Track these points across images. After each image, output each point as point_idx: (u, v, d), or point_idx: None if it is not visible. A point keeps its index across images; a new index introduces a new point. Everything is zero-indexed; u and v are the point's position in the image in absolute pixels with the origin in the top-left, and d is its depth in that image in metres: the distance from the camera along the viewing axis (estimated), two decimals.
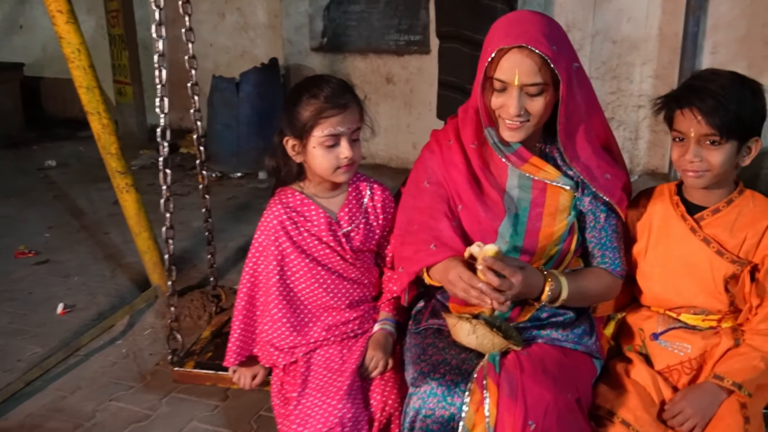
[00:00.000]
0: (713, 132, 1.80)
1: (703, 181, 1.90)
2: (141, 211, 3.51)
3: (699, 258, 1.96)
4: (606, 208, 1.99)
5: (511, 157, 1.95)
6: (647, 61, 5.49)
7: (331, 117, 1.96)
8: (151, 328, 3.59)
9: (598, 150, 1.99)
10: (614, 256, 2.01)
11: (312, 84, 2.02)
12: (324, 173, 2.04)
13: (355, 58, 6.31)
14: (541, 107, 1.83)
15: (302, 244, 2.10)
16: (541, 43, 1.75)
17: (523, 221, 1.95)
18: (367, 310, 2.21)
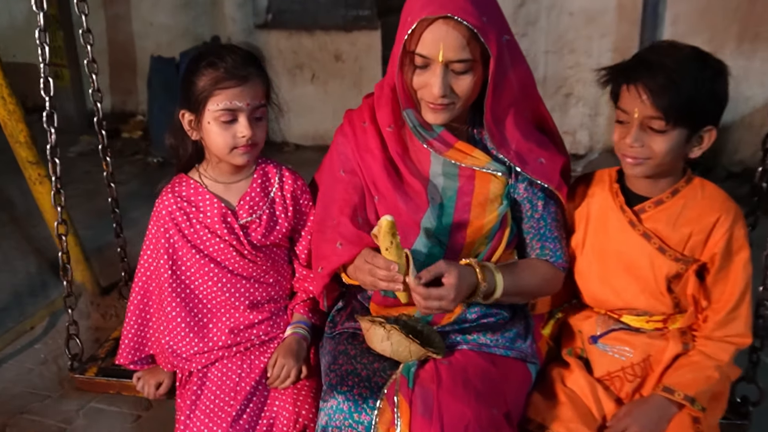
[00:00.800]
0: (659, 115, 1.58)
1: (643, 169, 1.68)
2: None
3: (638, 255, 1.74)
4: (544, 195, 1.77)
5: (434, 143, 1.73)
6: (606, 34, 5.32)
7: (228, 89, 1.74)
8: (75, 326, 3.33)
9: (531, 132, 1.77)
10: (555, 247, 1.81)
11: (212, 52, 1.80)
12: (219, 153, 1.82)
13: (302, 35, 6.07)
14: (468, 86, 1.61)
15: (193, 238, 1.88)
16: (469, 12, 1.51)
17: (449, 213, 1.73)
18: (275, 312, 1.99)
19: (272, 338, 1.96)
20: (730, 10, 4.87)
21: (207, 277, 1.89)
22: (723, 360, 1.71)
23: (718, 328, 1.72)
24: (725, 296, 1.71)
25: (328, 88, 6.13)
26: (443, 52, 1.55)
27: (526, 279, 1.76)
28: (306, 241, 1.99)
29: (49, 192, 3.14)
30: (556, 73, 5.47)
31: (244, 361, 1.90)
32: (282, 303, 2.01)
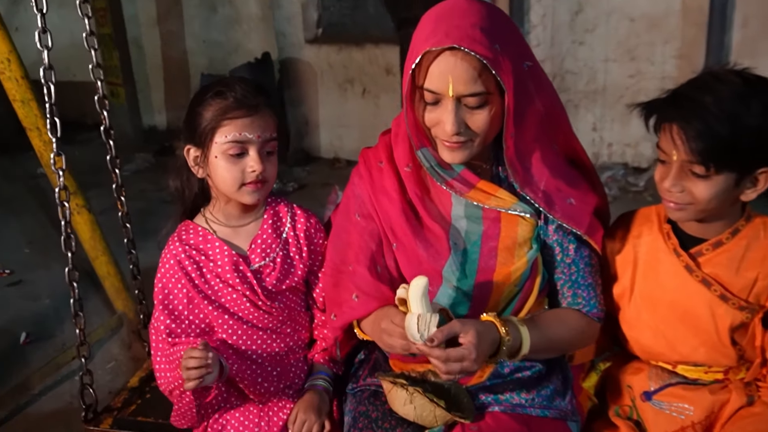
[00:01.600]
0: (696, 160, 1.39)
1: (685, 215, 1.50)
2: (96, 233, 3.25)
3: (697, 304, 1.55)
4: (576, 238, 1.59)
5: (454, 183, 1.56)
6: (670, 40, 5.07)
7: (237, 119, 1.61)
8: (115, 360, 3.34)
9: (560, 168, 1.59)
10: (589, 295, 1.63)
11: (220, 83, 1.68)
12: (227, 190, 1.69)
13: (352, 49, 6.02)
14: (484, 121, 1.44)
15: (204, 289, 1.74)
16: (478, 41, 1.35)
17: (474, 260, 1.56)
18: (294, 363, 1.85)
19: (292, 393, 1.82)
20: None
21: (221, 330, 1.76)
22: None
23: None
24: None
25: (379, 102, 6.05)
26: (453, 86, 1.39)
27: (556, 332, 1.58)
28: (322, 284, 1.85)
29: (87, 222, 3.14)
30: (616, 82, 5.24)
31: (262, 417, 1.77)
32: (301, 353, 1.87)
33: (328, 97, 6.23)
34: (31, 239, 4.76)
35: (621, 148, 5.44)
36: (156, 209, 5.34)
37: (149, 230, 4.74)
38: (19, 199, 5.60)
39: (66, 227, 2.11)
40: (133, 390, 2.25)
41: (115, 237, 3.19)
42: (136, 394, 2.24)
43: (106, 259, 3.29)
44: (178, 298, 1.75)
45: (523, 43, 1.48)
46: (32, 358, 3.32)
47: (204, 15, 6.78)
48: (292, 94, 6.33)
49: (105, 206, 3.39)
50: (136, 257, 2.49)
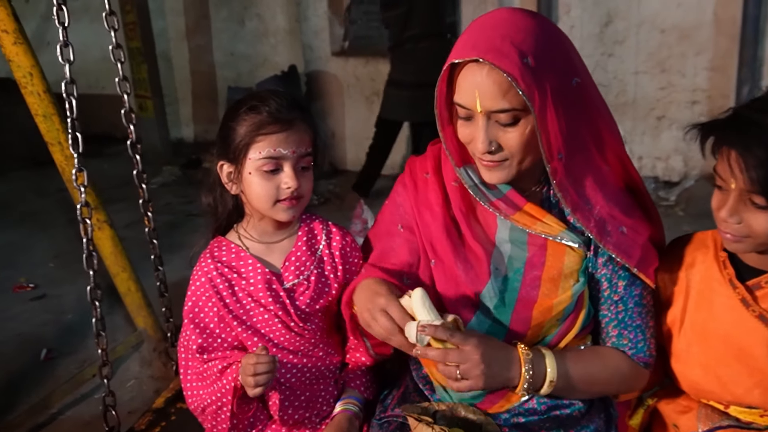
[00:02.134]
0: (756, 190, 1.29)
1: (743, 246, 1.39)
2: (118, 249, 3.19)
3: (752, 341, 1.43)
4: (628, 273, 1.48)
5: (499, 204, 1.47)
6: (701, 51, 4.97)
7: (271, 134, 1.56)
8: (135, 378, 3.29)
9: (614, 195, 1.48)
10: (637, 337, 1.51)
11: (254, 97, 1.63)
12: (261, 207, 1.64)
13: (378, 62, 5.95)
14: (518, 141, 1.34)
15: (236, 308, 1.69)
16: (505, 54, 1.26)
17: (515, 288, 1.47)
18: (324, 389, 1.79)
19: (322, 418, 1.77)
20: None
21: (250, 351, 1.71)
22: None
23: None
24: None
25: None
26: (480, 101, 1.30)
27: (592, 370, 1.48)
28: None
29: (109, 238, 3.11)
30: (646, 94, 5.14)
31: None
32: (331, 379, 1.81)
33: (355, 109, 6.20)
34: (57, 253, 4.76)
35: (651, 162, 5.33)
36: (183, 223, 5.35)
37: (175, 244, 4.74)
38: (48, 213, 5.61)
39: (88, 244, 2.09)
40: (157, 411, 2.20)
41: (139, 252, 3.18)
42: (161, 416, 2.20)
43: (127, 276, 3.24)
44: (209, 317, 1.70)
45: (571, 57, 1.36)
46: (53, 374, 3.29)
47: (232, 29, 6.81)
48: (319, 106, 6.31)
49: (132, 220, 3.40)
50: (163, 274, 2.47)
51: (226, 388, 1.62)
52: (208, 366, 1.68)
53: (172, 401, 2.28)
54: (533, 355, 1.40)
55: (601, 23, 5.14)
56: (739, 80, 4.75)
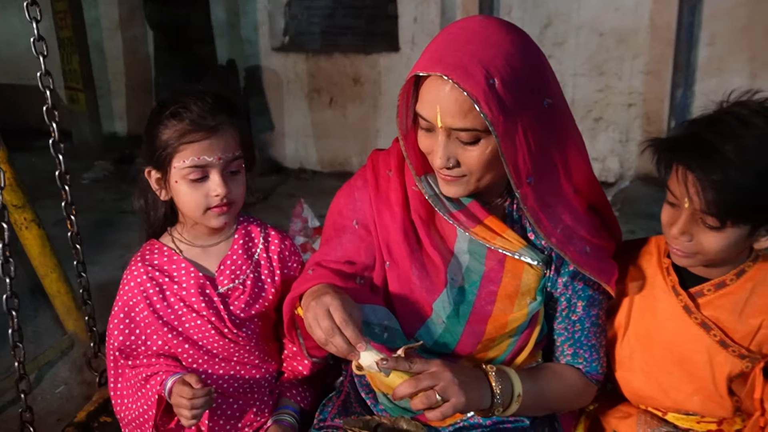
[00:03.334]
0: (711, 212, 1.29)
1: (692, 262, 1.41)
2: (46, 249, 3.07)
3: (694, 348, 1.45)
4: (587, 295, 1.46)
5: (459, 216, 1.41)
6: (638, 55, 5.07)
7: (194, 143, 1.50)
8: (65, 384, 3.13)
9: (581, 215, 1.43)
10: (591, 356, 1.50)
11: (177, 100, 1.55)
12: (192, 215, 1.58)
13: (320, 58, 5.93)
14: (478, 160, 1.28)
15: (166, 314, 1.63)
16: (470, 73, 1.19)
17: (470, 301, 1.43)
18: (259, 398, 1.74)
19: (256, 429, 1.71)
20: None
21: (181, 359, 1.64)
22: None
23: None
24: None
25: (347, 113, 5.97)
26: (441, 117, 1.24)
27: (552, 388, 1.45)
28: None
29: (37, 237, 2.98)
30: (584, 96, 5.23)
31: None
32: (267, 388, 1.76)
33: (295, 106, 6.13)
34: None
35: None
36: (115, 220, 5.19)
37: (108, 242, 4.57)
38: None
39: (4, 250, 1.97)
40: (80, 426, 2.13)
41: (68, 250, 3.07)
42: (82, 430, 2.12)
43: (56, 277, 3.11)
44: (135, 322, 1.64)
45: (543, 77, 1.29)
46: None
47: None
48: (258, 102, 6.21)
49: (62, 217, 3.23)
50: (86, 281, 2.36)
51: (151, 401, 1.57)
52: (135, 373, 1.63)
53: (95, 415, 2.21)
54: (497, 373, 1.36)
55: (541, 25, 5.19)
56: (673, 84, 4.87)
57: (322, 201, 1.69)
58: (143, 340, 1.64)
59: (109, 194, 5.66)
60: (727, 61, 4.78)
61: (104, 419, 2.15)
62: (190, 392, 1.42)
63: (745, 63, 4.73)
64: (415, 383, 1.23)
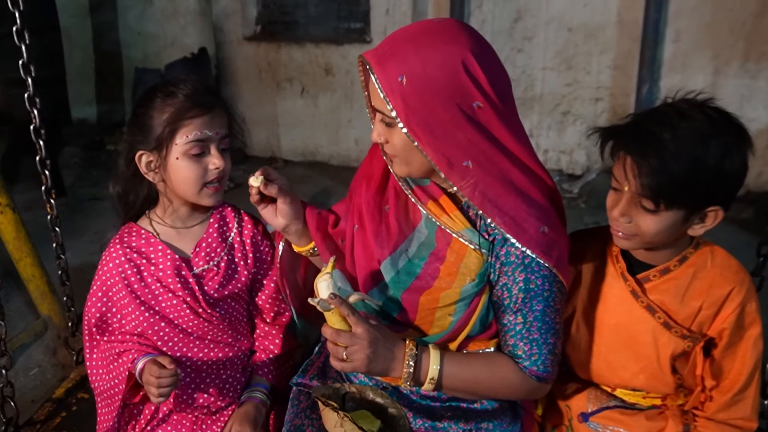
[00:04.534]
0: (646, 194, 1.38)
1: (632, 244, 1.49)
2: (21, 234, 3.06)
3: (640, 330, 1.54)
4: (528, 288, 1.46)
5: (418, 191, 1.53)
6: (605, 50, 5.14)
7: (196, 118, 1.58)
8: (39, 366, 3.16)
9: (532, 201, 1.46)
10: (531, 351, 1.48)
11: (167, 84, 1.63)
12: (189, 192, 1.65)
13: (291, 48, 5.92)
14: (396, 142, 1.41)
15: (143, 293, 1.69)
16: (385, 69, 1.34)
17: (414, 272, 1.51)
18: (231, 376, 1.81)
19: (228, 404, 1.78)
20: (736, 26, 4.70)
21: (156, 337, 1.69)
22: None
23: (723, 409, 1.53)
24: (732, 375, 1.52)
25: (318, 102, 5.98)
26: (372, 98, 1.42)
27: (479, 376, 1.50)
28: (268, 292, 1.82)
29: (11, 222, 2.98)
30: (553, 90, 5.30)
31: (195, 431, 1.73)
32: (239, 365, 1.83)
33: (266, 95, 6.13)
34: None
35: (556, 155, 5.50)
36: (86, 207, 5.18)
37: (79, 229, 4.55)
38: None
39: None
40: (58, 402, 2.15)
41: (41, 235, 3.05)
42: (61, 406, 2.14)
43: (31, 261, 3.11)
44: (112, 301, 1.70)
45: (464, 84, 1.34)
46: None
47: (139, 6, 6.56)
48: (229, 91, 6.19)
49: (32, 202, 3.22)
50: (65, 262, 2.39)
51: (122, 376, 1.65)
52: (109, 346, 1.69)
53: (73, 391, 2.24)
54: (420, 352, 1.44)
55: (511, 19, 5.24)
56: (639, 79, 4.94)
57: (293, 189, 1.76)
58: (119, 318, 1.70)
59: (79, 180, 5.62)
60: (691, 57, 4.87)
61: (81, 395, 2.17)
62: (157, 371, 1.50)
63: (708, 60, 4.82)
64: (336, 336, 1.37)
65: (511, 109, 1.42)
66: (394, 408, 1.52)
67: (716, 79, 4.83)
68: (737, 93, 4.77)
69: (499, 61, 1.41)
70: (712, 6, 4.74)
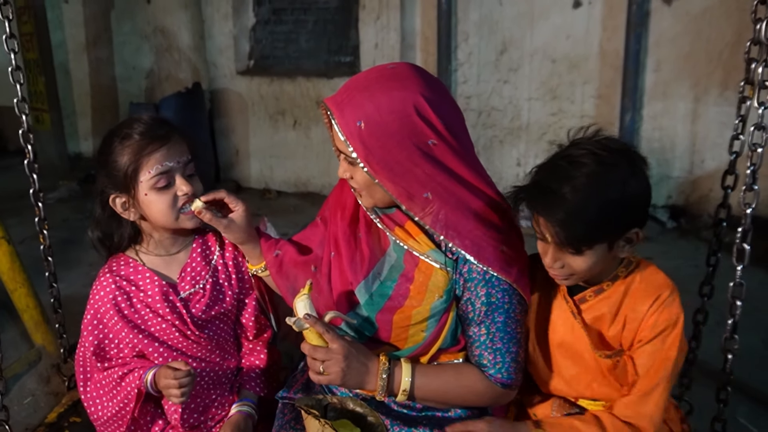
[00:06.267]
0: (565, 246, 1.48)
1: (571, 281, 1.59)
2: (16, 265, 3.11)
3: (582, 346, 1.63)
4: (489, 301, 1.58)
5: (385, 219, 1.65)
6: (588, 80, 5.25)
7: (155, 152, 1.67)
8: (32, 395, 3.17)
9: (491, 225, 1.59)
10: (496, 359, 1.61)
11: (120, 127, 1.73)
12: (167, 221, 1.74)
13: (283, 81, 6.04)
14: (360, 179, 1.55)
15: (134, 318, 1.78)
16: (344, 115, 1.47)
17: (386, 293, 1.62)
18: (220, 394, 1.89)
19: (217, 421, 1.85)
20: (713, 56, 4.81)
21: (152, 357, 1.78)
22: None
23: (627, 407, 1.59)
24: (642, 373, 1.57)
25: (310, 134, 6.09)
26: (335, 141, 1.53)
27: (448, 386, 1.62)
28: (251, 311, 1.91)
29: (6, 254, 3.03)
30: (539, 119, 5.41)
31: None
32: (227, 385, 1.91)
33: (259, 127, 6.25)
34: None
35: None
36: (80, 239, 5.22)
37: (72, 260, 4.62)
38: None
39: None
40: (50, 426, 2.22)
41: (34, 267, 3.13)
42: (53, 430, 2.21)
43: (25, 291, 3.16)
44: (108, 327, 1.78)
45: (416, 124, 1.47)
46: None
47: (134, 43, 6.71)
48: (223, 124, 6.32)
49: (26, 235, 3.27)
50: (57, 291, 2.47)
51: (130, 396, 1.70)
52: (107, 374, 1.75)
53: (65, 415, 2.30)
54: (392, 365, 1.57)
55: (496, 51, 5.37)
56: (622, 108, 5.04)
57: (285, 219, 1.88)
58: (116, 343, 1.78)
59: (74, 213, 5.69)
60: (671, 86, 4.98)
61: (74, 419, 2.24)
62: (175, 373, 1.58)
63: (688, 88, 4.93)
64: (313, 351, 1.51)
65: (464, 142, 1.55)
66: (372, 416, 1.59)
67: (697, 107, 4.94)
68: (717, 120, 4.86)
69: (450, 99, 1.55)
70: (689, 37, 4.86)
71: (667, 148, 5.09)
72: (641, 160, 1.48)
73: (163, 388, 1.62)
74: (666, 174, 5.13)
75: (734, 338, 1.91)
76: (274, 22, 5.97)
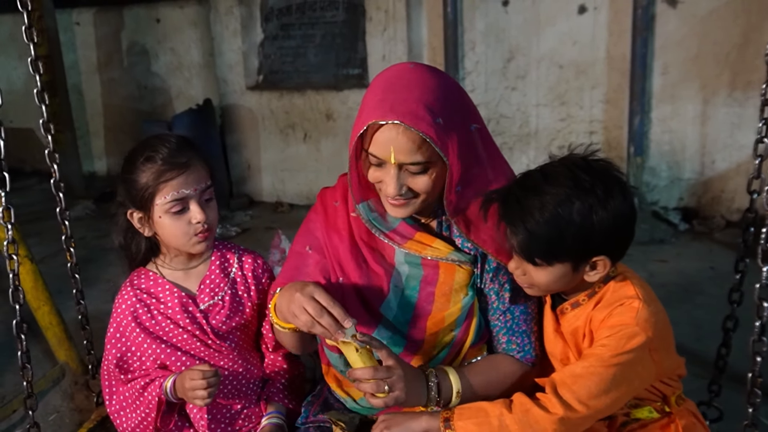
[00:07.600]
0: (521, 256, 1.51)
1: (533, 292, 1.61)
2: (39, 283, 3.18)
3: (567, 356, 1.66)
4: (511, 287, 1.67)
5: (392, 236, 1.66)
6: (596, 86, 5.27)
7: (172, 180, 1.71)
8: (57, 412, 3.24)
9: None
10: (523, 342, 1.70)
11: (146, 146, 1.76)
12: (178, 244, 1.79)
13: (293, 95, 6.10)
14: (426, 185, 1.53)
15: (155, 330, 1.83)
16: (420, 117, 1.43)
17: (411, 303, 1.66)
18: (247, 405, 1.92)
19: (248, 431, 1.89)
20: (721, 58, 4.82)
21: (174, 368, 1.81)
22: None
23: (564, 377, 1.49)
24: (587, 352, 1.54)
25: (320, 147, 6.14)
26: (394, 155, 1.47)
27: (490, 378, 1.66)
28: None
29: (30, 272, 3.10)
30: (548, 125, 5.43)
31: None
32: (254, 394, 1.94)
33: (270, 142, 6.31)
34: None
35: None
36: (98, 257, 5.30)
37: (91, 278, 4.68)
38: None
39: (14, 279, 2.13)
40: None
41: (54, 286, 3.18)
42: None
43: (48, 309, 3.23)
44: (130, 340, 1.82)
45: (467, 108, 1.56)
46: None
47: (145, 62, 6.79)
48: (234, 139, 6.39)
49: (44, 254, 3.34)
50: (85, 307, 2.51)
51: (152, 405, 1.74)
52: (130, 386, 1.79)
53: (94, 431, 2.34)
54: (437, 372, 1.58)
55: (504, 59, 5.40)
56: (630, 112, 5.05)
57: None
58: (138, 356, 1.82)
59: (91, 232, 5.75)
60: (679, 88, 4.99)
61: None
62: (199, 374, 1.61)
63: (697, 90, 4.94)
64: (373, 372, 1.45)
65: None
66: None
67: (706, 109, 4.94)
68: (727, 121, 4.87)
69: None
70: (696, 39, 4.87)
71: (678, 151, 5.10)
72: (623, 189, 1.46)
73: (189, 389, 1.64)
74: (677, 176, 5.14)
75: (762, 340, 1.85)
76: (282, 38, 6.03)
